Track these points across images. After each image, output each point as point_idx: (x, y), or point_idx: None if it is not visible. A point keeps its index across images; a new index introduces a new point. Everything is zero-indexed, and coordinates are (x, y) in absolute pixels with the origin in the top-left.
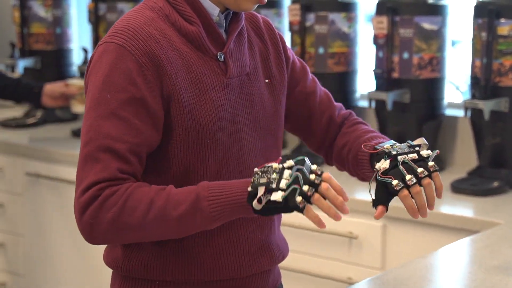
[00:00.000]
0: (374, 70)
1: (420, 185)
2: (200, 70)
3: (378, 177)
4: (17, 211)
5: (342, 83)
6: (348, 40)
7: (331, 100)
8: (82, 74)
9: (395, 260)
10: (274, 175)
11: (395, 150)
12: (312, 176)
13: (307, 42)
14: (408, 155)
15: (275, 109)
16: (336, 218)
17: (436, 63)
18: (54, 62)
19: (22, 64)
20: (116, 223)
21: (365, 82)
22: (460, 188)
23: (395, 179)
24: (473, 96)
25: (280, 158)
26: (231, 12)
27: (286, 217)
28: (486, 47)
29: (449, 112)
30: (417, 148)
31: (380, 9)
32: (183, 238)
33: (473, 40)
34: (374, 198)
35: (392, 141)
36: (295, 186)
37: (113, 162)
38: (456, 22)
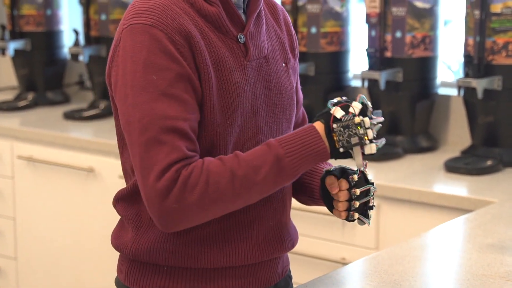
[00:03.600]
0: (366, 50)
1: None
2: (222, 52)
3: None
4: (9, 194)
5: (334, 62)
6: (340, 20)
7: (306, 120)
8: (73, 56)
9: (389, 240)
10: (361, 130)
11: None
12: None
13: (299, 21)
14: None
15: (290, 93)
16: None
17: (429, 41)
18: (45, 44)
19: (12, 46)
20: (203, 201)
21: (358, 62)
22: (453, 167)
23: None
24: (466, 75)
25: (343, 98)
26: None
27: None
28: (479, 25)
29: (442, 91)
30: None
31: None
32: (193, 226)
33: (466, 18)
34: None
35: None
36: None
37: (179, 141)
38: (448, 1)
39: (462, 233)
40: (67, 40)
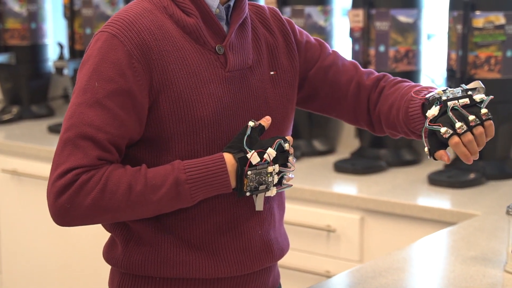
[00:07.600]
0: None
1: (472, 133)
2: (197, 63)
3: (427, 125)
4: None
5: None
6: (324, 34)
7: (358, 67)
8: (57, 70)
9: (373, 252)
10: (270, 178)
11: (447, 95)
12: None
13: None
14: (459, 100)
15: (279, 102)
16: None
17: (412, 55)
18: (30, 57)
19: None
20: (95, 207)
21: None
22: (437, 180)
23: (443, 126)
24: None
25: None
26: (232, 4)
27: None
28: (461, 39)
29: None
30: (469, 93)
31: (356, 2)
32: (182, 236)
33: (448, 32)
34: (429, 147)
35: (445, 87)
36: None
37: (93, 150)
38: (431, 15)
39: (445, 245)
40: (51, 54)
